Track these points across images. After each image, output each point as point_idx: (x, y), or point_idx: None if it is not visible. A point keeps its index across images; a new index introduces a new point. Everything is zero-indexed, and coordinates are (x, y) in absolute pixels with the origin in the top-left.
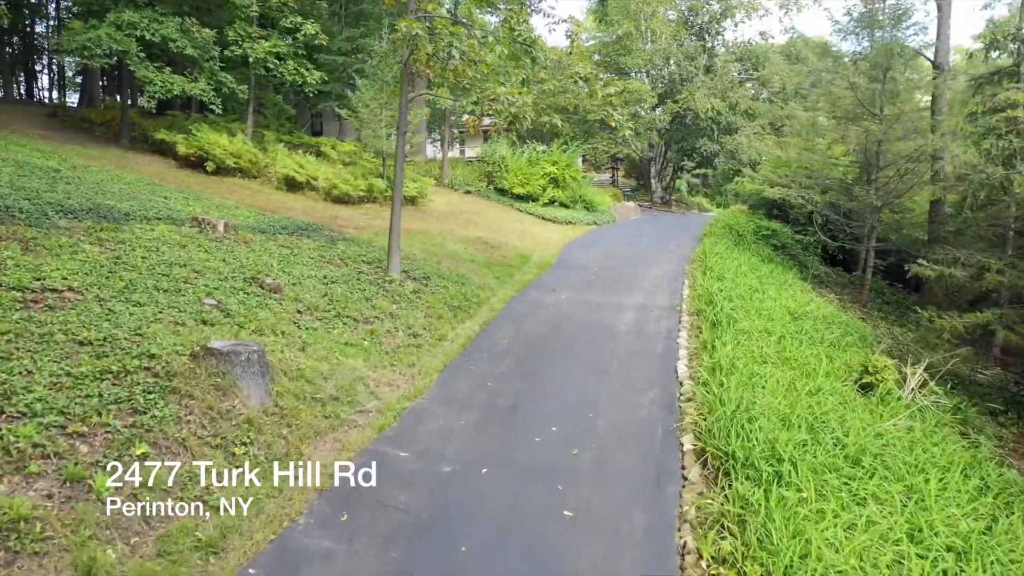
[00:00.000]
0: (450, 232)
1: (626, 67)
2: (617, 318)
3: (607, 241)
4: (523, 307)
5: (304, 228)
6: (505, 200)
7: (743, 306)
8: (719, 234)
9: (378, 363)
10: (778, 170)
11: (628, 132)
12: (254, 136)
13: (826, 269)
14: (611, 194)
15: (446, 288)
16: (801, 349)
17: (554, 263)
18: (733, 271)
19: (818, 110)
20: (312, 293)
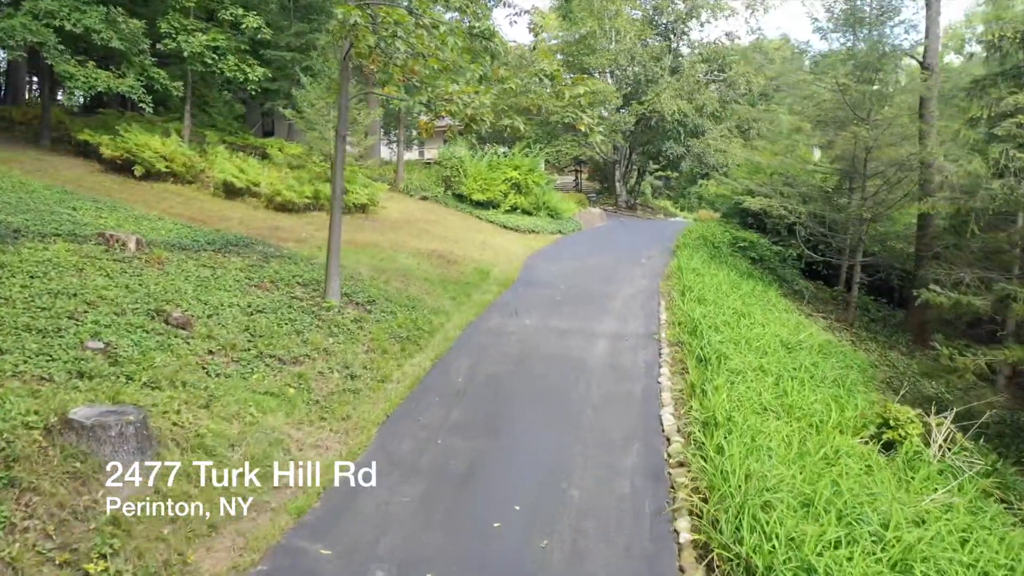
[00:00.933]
0: (403, 244)
1: (590, 67)
2: (588, 349)
3: (573, 252)
4: (482, 335)
5: (235, 243)
6: (464, 207)
7: (731, 336)
8: (693, 246)
9: (304, 417)
10: (754, 176)
11: (599, 137)
12: (194, 137)
13: (807, 283)
14: (576, 200)
15: (393, 314)
16: (804, 394)
17: (517, 279)
18: (714, 290)
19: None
20: (230, 327)
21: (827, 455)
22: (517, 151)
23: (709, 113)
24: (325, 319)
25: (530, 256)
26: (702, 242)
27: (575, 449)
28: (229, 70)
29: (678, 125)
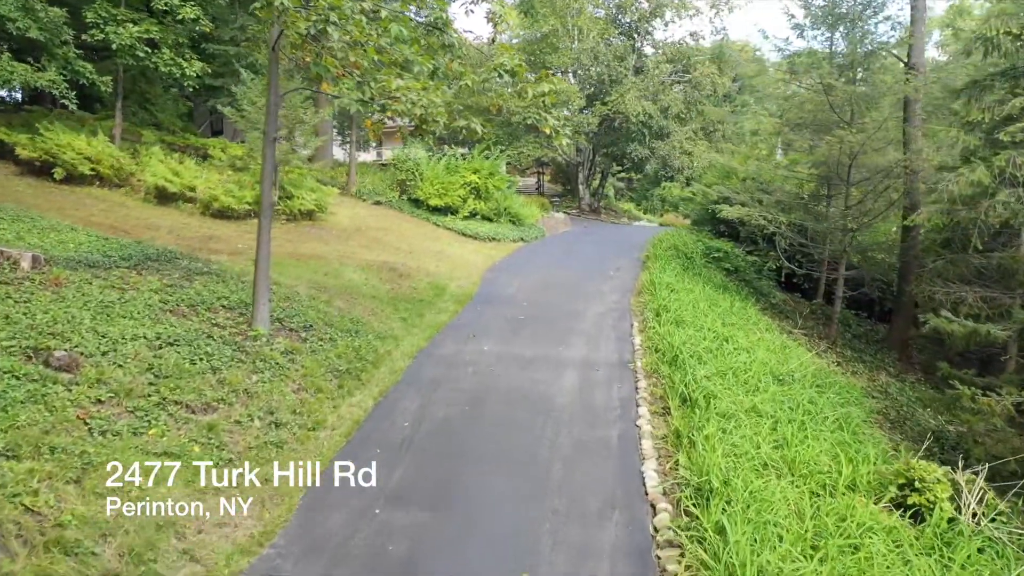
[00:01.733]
0: (351, 256)
1: (553, 66)
2: (556, 383)
3: (536, 263)
4: (434, 366)
5: (156, 257)
6: (420, 213)
7: (716, 367)
8: (665, 257)
9: (210, 484)
10: (726, 181)
11: (565, 140)
12: (129, 137)
13: (784, 296)
14: (539, 204)
15: (333, 342)
16: (807, 443)
17: (475, 295)
18: (691, 309)
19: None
20: (129, 367)
21: (852, 542)
22: (477, 154)
23: (674, 115)
24: (250, 351)
25: (490, 268)
26: (674, 252)
27: (542, 524)
28: (164, 65)
29: (643, 127)
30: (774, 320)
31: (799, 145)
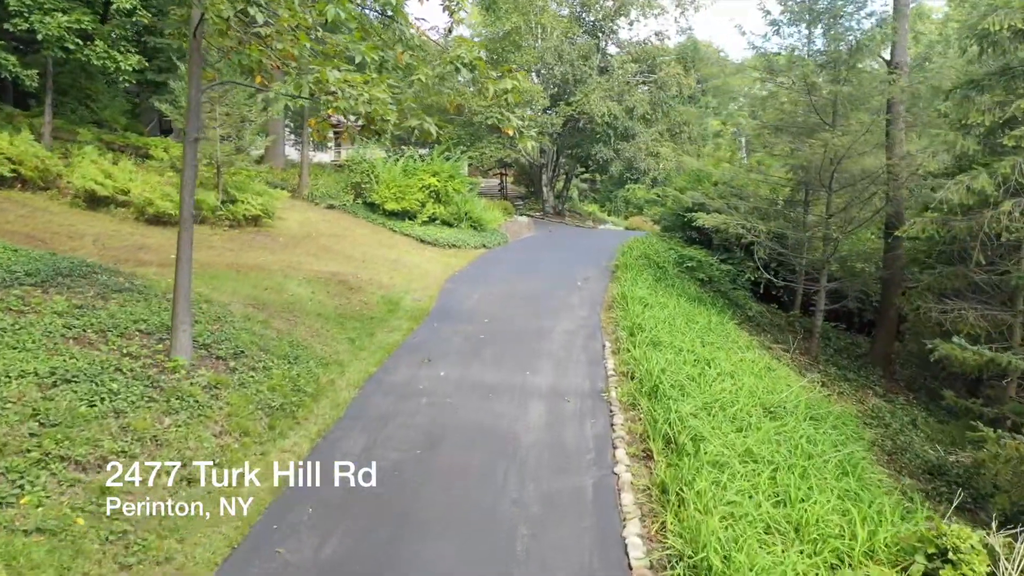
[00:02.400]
0: (298, 266)
1: (516, 65)
2: (521, 417)
3: (499, 272)
4: (383, 397)
5: (69, 272)
6: (376, 218)
7: (701, 400)
8: (637, 267)
9: (95, 572)
10: (698, 186)
11: (530, 143)
12: (64, 135)
13: (761, 307)
14: (502, 208)
15: (267, 372)
16: (813, 499)
17: (432, 310)
18: (667, 327)
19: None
20: (8, 414)
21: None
22: (437, 155)
23: (640, 116)
24: (165, 387)
25: (450, 278)
26: (645, 262)
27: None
28: (96, 58)
29: (608, 128)
30: (752, 335)
31: (780, 149)
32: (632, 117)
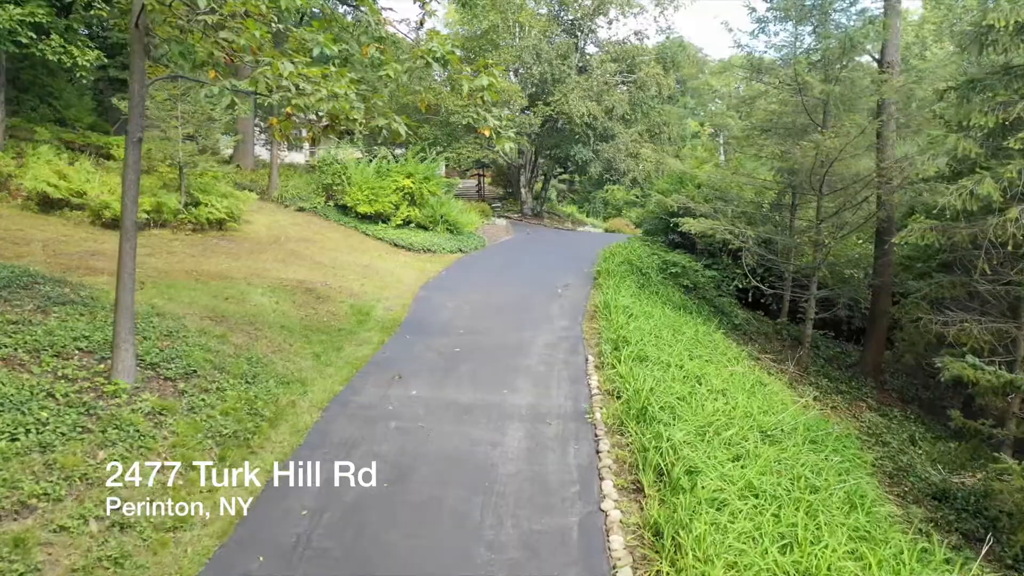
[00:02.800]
0: (262, 273)
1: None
2: (499, 443)
3: (476, 279)
4: (348, 421)
5: (8, 282)
6: (348, 221)
7: (694, 423)
8: (619, 274)
9: None
10: (682, 188)
11: (508, 145)
12: (21, 134)
13: (746, 315)
14: (479, 210)
15: (221, 393)
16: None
17: (405, 321)
18: (653, 339)
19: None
20: None
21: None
22: (411, 156)
23: (619, 116)
24: (103, 415)
25: (424, 285)
26: (628, 268)
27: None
28: (52, 52)
29: (587, 128)
30: (740, 344)
31: (769, 151)
32: (611, 117)
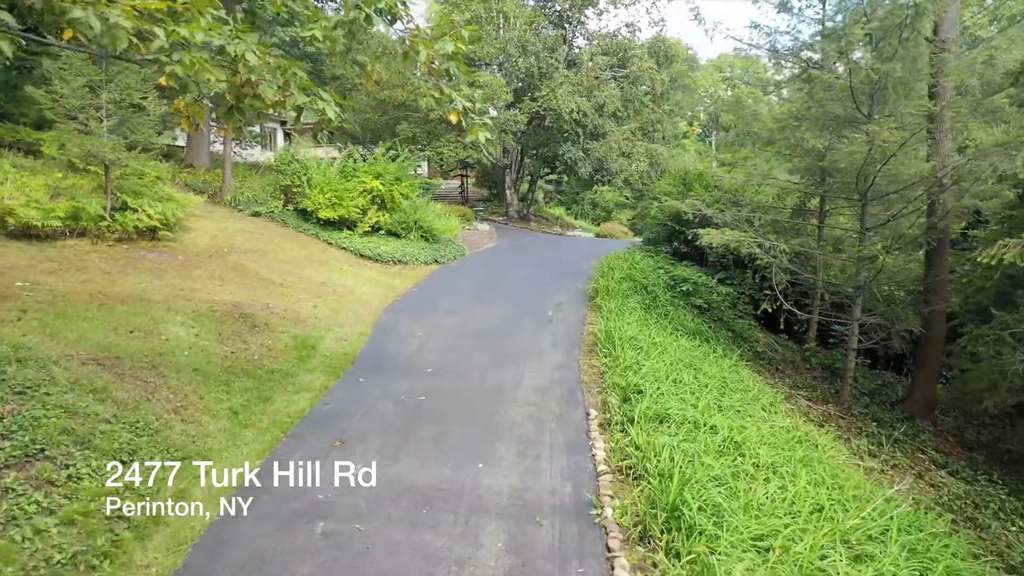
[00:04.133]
0: (190, 295)
1: (477, 57)
2: (467, 561)
3: (452, 298)
4: (256, 524)
5: None
6: (309, 227)
7: (748, 529)
8: (621, 293)
9: None
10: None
11: (483, 135)
12: None
13: (767, 338)
14: (459, 214)
15: (70, 486)
16: None
17: (360, 355)
18: (671, 384)
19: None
20: None
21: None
22: (381, 154)
23: (610, 113)
24: None
25: (389, 306)
26: (630, 285)
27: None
28: None
29: (576, 125)
30: (766, 375)
31: (809, 145)
32: (602, 114)
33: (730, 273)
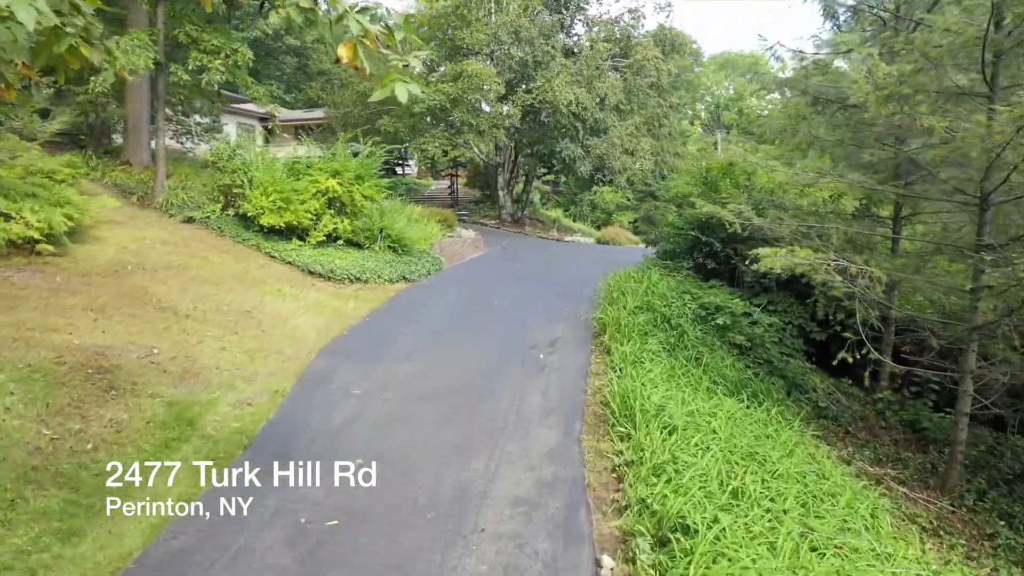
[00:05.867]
0: (38, 336)
1: (465, 45)
2: None
3: (414, 333)
4: None
5: None
6: (250, 237)
7: None
8: (639, 329)
9: None
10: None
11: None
12: None
13: (824, 384)
14: (440, 218)
15: None
16: None
17: (262, 432)
18: (728, 497)
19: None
20: None
21: None
22: (340, 147)
23: (612, 106)
24: None
25: (329, 346)
26: (651, 319)
27: None
28: None
29: (575, 120)
30: (837, 446)
31: (931, 123)
32: (604, 108)
33: (772, 297)
